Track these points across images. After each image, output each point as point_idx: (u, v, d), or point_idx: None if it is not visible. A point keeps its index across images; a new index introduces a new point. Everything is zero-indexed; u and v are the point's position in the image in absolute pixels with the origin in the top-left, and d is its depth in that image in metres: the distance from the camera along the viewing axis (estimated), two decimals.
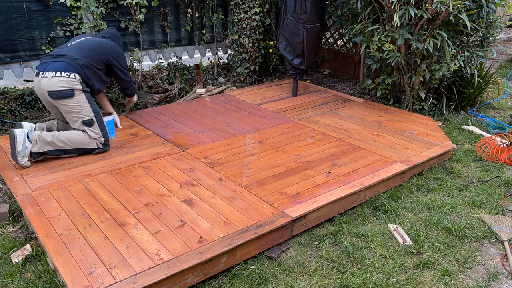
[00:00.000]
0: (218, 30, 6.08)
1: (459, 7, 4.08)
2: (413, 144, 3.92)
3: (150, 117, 4.52)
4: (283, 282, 2.47)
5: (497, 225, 2.97)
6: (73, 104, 3.50)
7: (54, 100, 3.48)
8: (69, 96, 3.47)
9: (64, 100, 3.47)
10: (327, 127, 4.30)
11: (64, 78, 3.44)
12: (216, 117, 4.55)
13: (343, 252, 2.71)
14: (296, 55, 5.07)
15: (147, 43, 5.53)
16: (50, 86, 3.43)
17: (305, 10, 4.83)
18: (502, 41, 9.10)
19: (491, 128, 4.55)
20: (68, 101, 3.48)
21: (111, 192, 3.06)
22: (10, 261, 2.62)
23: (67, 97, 3.47)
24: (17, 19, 4.61)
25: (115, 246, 2.50)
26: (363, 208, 3.19)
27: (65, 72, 3.45)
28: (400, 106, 5.01)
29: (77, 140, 3.54)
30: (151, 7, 5.37)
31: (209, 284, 2.45)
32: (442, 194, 3.38)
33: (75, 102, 3.50)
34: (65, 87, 3.44)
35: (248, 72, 5.86)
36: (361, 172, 3.39)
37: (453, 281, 2.49)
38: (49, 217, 2.77)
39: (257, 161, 3.56)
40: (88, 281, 2.23)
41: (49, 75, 3.43)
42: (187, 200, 2.98)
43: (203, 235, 2.59)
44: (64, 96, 3.46)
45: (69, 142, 3.51)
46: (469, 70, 4.71)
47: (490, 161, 3.89)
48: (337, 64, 6.53)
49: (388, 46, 4.40)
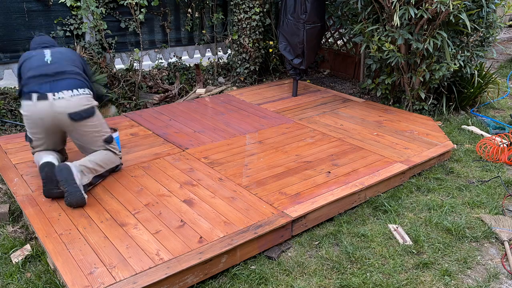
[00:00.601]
0: (218, 30, 6.09)
1: (459, 7, 4.08)
2: (413, 144, 3.92)
3: (150, 117, 4.52)
4: (283, 282, 2.47)
5: (497, 225, 2.97)
6: (95, 123, 3.13)
7: (77, 122, 3.02)
8: (92, 114, 3.09)
9: (88, 120, 3.07)
10: (327, 127, 4.30)
11: (84, 95, 3.05)
12: (216, 117, 4.55)
13: (343, 252, 2.71)
14: (296, 55, 5.07)
15: (147, 43, 5.54)
16: (72, 106, 2.98)
17: (305, 10, 4.83)
18: (502, 41, 9.10)
19: (491, 128, 4.55)
20: (91, 120, 3.09)
21: (111, 192, 3.06)
22: (10, 261, 2.62)
23: (91, 116, 3.09)
24: (17, 19, 4.61)
25: (115, 246, 2.50)
26: (363, 208, 3.19)
27: (81, 88, 3.07)
28: (400, 106, 5.01)
29: (109, 160, 3.21)
30: (151, 7, 5.37)
31: (209, 284, 2.45)
32: (442, 194, 3.38)
33: (96, 120, 3.14)
34: (87, 104, 3.06)
35: (248, 72, 5.87)
36: (361, 172, 3.39)
37: (453, 281, 2.49)
38: (49, 217, 2.77)
39: (257, 161, 3.56)
40: (88, 281, 2.23)
41: (66, 95, 2.97)
42: (187, 200, 2.98)
43: (203, 235, 2.59)
44: (88, 115, 3.07)
45: (104, 164, 3.16)
46: (469, 70, 4.71)
47: (490, 161, 3.89)
48: (337, 64, 6.53)
49: (388, 46, 4.40)
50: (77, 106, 3.00)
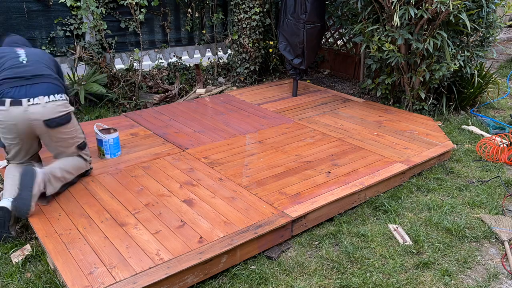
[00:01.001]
0: (218, 30, 6.09)
1: (459, 7, 4.08)
2: (413, 144, 3.92)
3: (150, 117, 4.52)
4: (283, 282, 2.47)
5: (497, 225, 2.97)
6: (70, 129, 3.03)
7: (53, 129, 2.90)
8: (68, 121, 2.97)
9: (63, 127, 2.96)
10: (327, 127, 4.30)
11: (61, 102, 2.91)
12: (216, 117, 4.55)
13: (343, 252, 2.71)
14: (296, 55, 5.07)
15: (147, 43, 5.54)
16: (48, 113, 2.83)
17: (305, 10, 4.83)
18: (502, 41, 9.10)
19: (491, 128, 4.55)
20: (66, 126, 2.98)
21: (111, 192, 3.06)
22: (10, 261, 2.62)
23: (67, 122, 2.97)
24: (17, 19, 4.61)
25: (115, 246, 2.50)
26: (363, 208, 3.19)
27: (58, 94, 2.91)
28: (400, 106, 5.01)
29: (79, 167, 3.14)
30: (151, 7, 5.37)
31: (209, 284, 2.45)
32: (442, 194, 3.38)
33: (72, 126, 3.03)
34: (63, 111, 2.92)
35: (248, 72, 5.86)
36: (361, 172, 3.39)
37: (453, 281, 2.49)
38: (49, 217, 2.77)
39: (257, 161, 3.56)
40: (88, 281, 2.23)
41: (41, 101, 2.81)
42: (187, 200, 2.98)
43: (203, 235, 2.59)
44: (64, 122, 2.95)
45: (74, 171, 3.08)
46: (469, 70, 4.71)
47: (490, 161, 3.89)
48: (337, 64, 6.53)
49: (388, 46, 4.40)
50: (53, 113, 2.86)
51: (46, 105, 2.83)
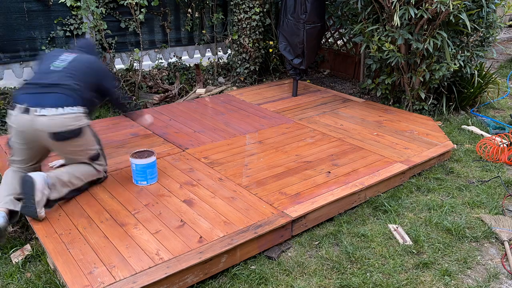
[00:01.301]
0: (218, 30, 6.09)
1: (459, 7, 4.08)
2: (413, 144, 3.92)
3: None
4: (283, 282, 2.47)
5: (497, 225, 2.97)
6: (81, 143, 2.87)
7: (59, 142, 2.76)
8: (77, 135, 2.80)
9: (72, 141, 2.80)
10: (327, 127, 4.30)
11: (71, 115, 2.73)
12: (216, 117, 4.55)
13: (343, 252, 2.71)
14: (296, 55, 5.07)
15: (147, 43, 5.54)
16: (54, 126, 2.69)
17: (305, 10, 4.83)
18: (502, 41, 9.10)
19: (491, 128, 4.55)
20: (76, 140, 2.82)
21: (111, 192, 3.06)
22: (10, 261, 2.62)
23: (76, 137, 2.80)
24: (17, 19, 4.61)
25: (115, 246, 2.50)
26: (363, 208, 3.19)
27: (69, 106, 2.74)
28: (400, 106, 5.01)
29: (89, 173, 3.01)
30: (151, 7, 5.37)
31: (209, 284, 2.45)
32: (442, 194, 3.38)
33: (83, 140, 2.87)
34: (73, 125, 2.75)
35: (248, 72, 5.87)
36: (361, 172, 3.39)
37: (453, 281, 2.49)
38: (49, 217, 2.76)
39: (257, 161, 3.56)
40: (88, 280, 2.23)
41: (48, 113, 2.68)
42: (187, 200, 2.98)
43: (203, 235, 2.59)
44: (73, 136, 2.78)
45: (83, 177, 2.96)
46: (469, 70, 4.72)
47: (490, 161, 3.89)
48: (337, 64, 6.53)
49: (388, 46, 4.40)
50: (60, 127, 2.71)
51: (54, 118, 2.70)
